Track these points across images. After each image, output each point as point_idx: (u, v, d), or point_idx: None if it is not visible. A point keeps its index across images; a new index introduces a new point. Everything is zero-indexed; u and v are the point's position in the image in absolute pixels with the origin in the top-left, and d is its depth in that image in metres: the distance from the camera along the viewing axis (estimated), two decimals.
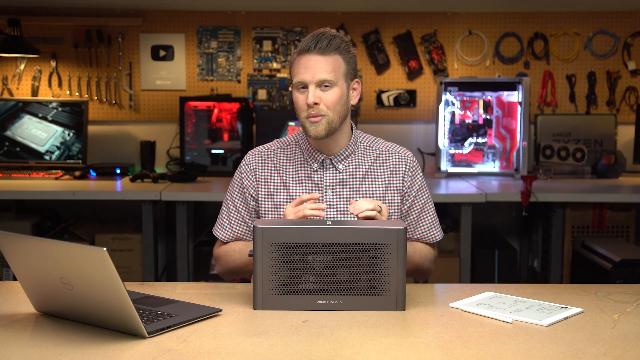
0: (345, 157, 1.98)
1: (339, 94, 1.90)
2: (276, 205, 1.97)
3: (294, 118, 4.05)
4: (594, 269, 3.32)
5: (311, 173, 1.97)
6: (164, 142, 4.25)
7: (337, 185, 1.96)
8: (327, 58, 1.88)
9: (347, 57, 1.92)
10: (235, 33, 4.25)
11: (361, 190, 1.96)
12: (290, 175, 1.98)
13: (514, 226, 4.29)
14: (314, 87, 1.88)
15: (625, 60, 4.26)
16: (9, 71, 4.20)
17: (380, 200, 1.93)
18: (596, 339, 1.49)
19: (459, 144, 4.10)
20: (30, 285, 1.61)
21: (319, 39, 1.88)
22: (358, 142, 2.02)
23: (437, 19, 4.25)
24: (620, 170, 4.04)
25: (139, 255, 3.71)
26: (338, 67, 1.89)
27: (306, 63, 1.89)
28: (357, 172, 1.98)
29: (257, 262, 1.65)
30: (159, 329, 1.50)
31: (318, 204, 1.83)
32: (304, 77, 1.89)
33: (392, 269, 1.65)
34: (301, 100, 1.91)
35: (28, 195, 3.72)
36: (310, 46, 1.88)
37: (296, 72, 1.91)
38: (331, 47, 1.88)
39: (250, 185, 2.00)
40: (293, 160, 2.00)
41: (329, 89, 1.88)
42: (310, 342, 1.46)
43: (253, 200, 2.00)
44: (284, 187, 1.98)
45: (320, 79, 1.87)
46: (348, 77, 1.93)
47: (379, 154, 2.01)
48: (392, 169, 1.99)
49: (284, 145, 2.04)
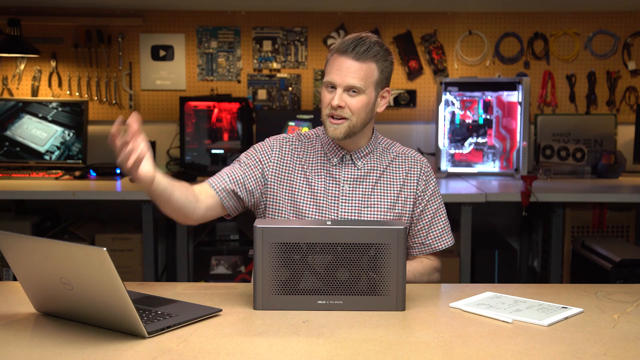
0: (365, 155, 2.00)
1: (365, 101, 1.90)
2: (294, 193, 1.97)
3: (294, 118, 4.06)
4: (594, 269, 3.32)
5: (330, 167, 1.99)
6: (164, 142, 4.25)
7: (354, 181, 1.98)
8: (362, 65, 1.88)
9: (383, 66, 1.92)
10: (235, 33, 4.25)
11: (376, 189, 1.98)
12: (311, 166, 1.99)
13: (514, 226, 4.29)
14: (341, 91, 1.89)
15: (625, 60, 4.26)
16: (9, 71, 4.20)
17: (393, 201, 1.96)
18: (596, 339, 1.49)
19: (459, 144, 4.10)
20: (30, 285, 1.61)
21: (358, 43, 1.88)
22: (377, 143, 2.04)
23: (437, 19, 4.25)
24: (620, 170, 4.04)
25: (139, 255, 3.71)
26: (370, 75, 1.89)
27: (340, 65, 1.88)
28: (375, 171, 2.00)
29: (257, 262, 1.65)
30: (159, 329, 1.50)
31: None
32: (334, 78, 1.89)
33: (392, 269, 1.65)
34: (327, 99, 1.92)
35: (28, 195, 3.72)
36: (348, 48, 1.87)
37: (329, 70, 1.91)
38: (369, 54, 1.88)
39: (267, 165, 1.98)
40: (314, 152, 2.01)
41: (356, 95, 1.89)
42: (310, 342, 1.46)
43: (262, 178, 1.98)
44: (304, 177, 1.98)
45: (349, 84, 1.88)
46: (379, 86, 1.93)
47: (396, 157, 2.03)
48: (408, 172, 2.01)
49: (304, 138, 2.05)
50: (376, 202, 1.97)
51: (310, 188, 1.97)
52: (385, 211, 1.97)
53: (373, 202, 1.97)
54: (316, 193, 1.96)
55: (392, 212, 1.97)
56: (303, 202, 1.96)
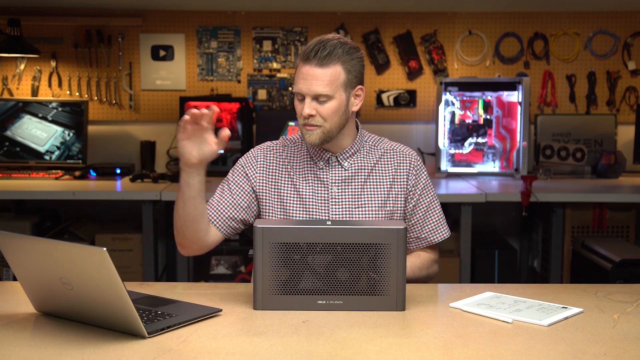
0: (351, 155, 1.98)
1: (336, 105, 1.87)
2: (283, 200, 1.96)
3: (294, 118, 4.04)
4: (594, 269, 3.32)
5: (317, 170, 1.97)
6: (164, 142, 4.25)
7: (342, 183, 1.96)
8: (326, 70, 1.84)
9: (349, 66, 1.88)
10: (235, 33, 4.25)
11: (366, 188, 1.97)
12: (297, 172, 1.98)
13: (514, 226, 4.29)
14: (310, 100, 1.87)
15: (625, 60, 4.26)
16: (9, 71, 4.20)
17: (384, 199, 1.95)
18: (596, 339, 1.49)
19: (459, 144, 4.10)
20: (30, 285, 1.61)
21: (319, 48, 1.84)
22: (363, 141, 2.01)
23: (437, 19, 4.25)
24: (620, 170, 4.04)
25: (139, 255, 3.71)
26: (336, 79, 1.86)
27: (305, 73, 1.86)
28: (363, 170, 1.98)
29: (257, 262, 1.65)
30: (159, 329, 1.50)
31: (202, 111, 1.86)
32: (301, 88, 1.87)
33: (392, 269, 1.65)
34: (298, 109, 1.90)
35: (28, 195, 3.72)
36: (310, 55, 1.85)
37: (296, 80, 1.89)
38: (332, 57, 1.84)
39: (253, 176, 1.99)
40: (300, 157, 2.00)
41: (326, 101, 1.86)
42: (310, 342, 1.46)
43: (252, 191, 1.98)
44: (291, 183, 1.97)
45: (316, 93, 1.85)
46: (348, 87, 1.89)
47: (384, 153, 2.01)
48: (397, 168, 1.99)
49: (290, 143, 2.04)
50: (367, 201, 1.95)
51: (298, 193, 1.96)
52: (376, 210, 1.95)
53: (363, 201, 1.95)
54: (304, 198, 1.95)
55: (383, 210, 1.95)
56: (292, 208, 1.95)
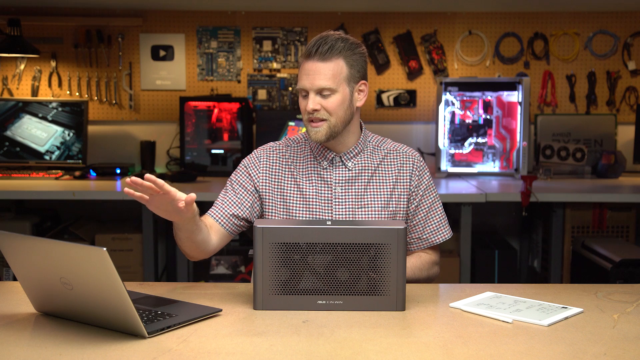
0: (355, 155, 1.99)
1: (340, 99, 1.89)
2: (286, 200, 1.97)
3: (294, 118, 4.05)
4: (594, 269, 3.32)
5: (321, 170, 1.98)
6: (164, 142, 4.25)
7: (346, 183, 1.97)
8: (328, 64, 1.87)
9: (351, 60, 1.90)
10: (235, 33, 4.25)
11: (369, 188, 1.97)
12: (301, 171, 1.99)
13: (514, 226, 4.29)
14: (314, 94, 1.89)
15: (625, 60, 4.26)
16: (9, 71, 4.20)
17: (387, 199, 1.95)
18: (596, 339, 1.49)
19: (459, 144, 4.10)
20: (30, 285, 1.61)
21: (320, 43, 1.87)
22: (367, 141, 2.03)
23: (437, 19, 4.25)
24: (620, 170, 4.04)
25: (139, 255, 3.71)
26: (339, 72, 1.88)
27: (307, 69, 1.88)
28: (366, 170, 1.99)
29: (257, 262, 1.65)
30: (159, 329, 1.50)
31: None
32: (304, 83, 1.89)
33: (392, 269, 1.65)
34: (303, 105, 1.93)
35: (28, 195, 3.72)
36: (312, 51, 1.87)
37: (299, 77, 1.92)
38: (333, 51, 1.87)
39: (256, 176, 1.99)
40: (303, 157, 2.01)
41: (329, 95, 1.88)
42: (310, 342, 1.46)
43: (255, 191, 1.98)
44: (294, 184, 1.98)
45: (320, 87, 1.87)
46: (352, 81, 1.91)
47: (387, 153, 2.02)
48: (400, 168, 2.00)
49: (293, 143, 2.05)
50: (370, 201, 1.96)
51: (302, 193, 1.97)
52: (379, 210, 1.96)
53: (367, 202, 1.96)
54: (307, 198, 1.96)
55: (386, 210, 1.96)
56: (295, 208, 1.96)
